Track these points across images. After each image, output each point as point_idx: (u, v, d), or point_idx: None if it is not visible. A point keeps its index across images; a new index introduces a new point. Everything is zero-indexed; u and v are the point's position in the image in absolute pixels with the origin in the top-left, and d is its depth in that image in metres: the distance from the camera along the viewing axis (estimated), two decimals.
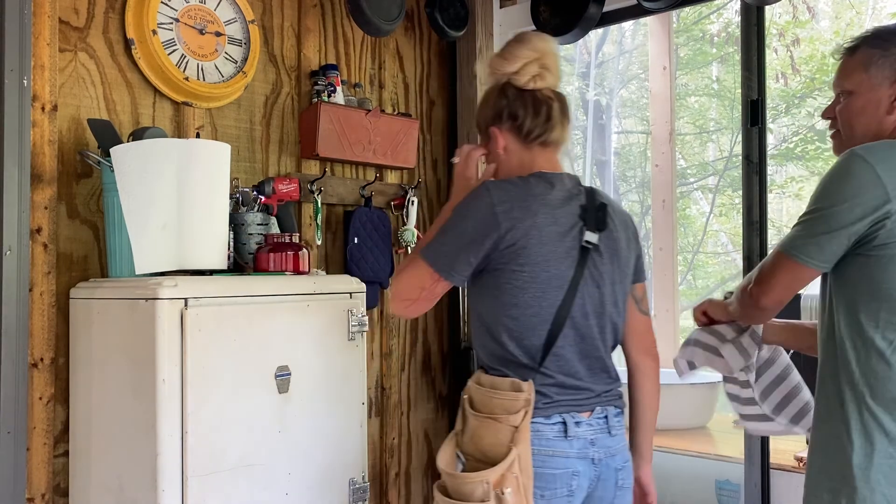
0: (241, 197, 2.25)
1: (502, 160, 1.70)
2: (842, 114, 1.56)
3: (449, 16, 2.98)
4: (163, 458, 1.76)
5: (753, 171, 2.43)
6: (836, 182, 1.42)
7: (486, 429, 1.56)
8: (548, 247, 1.57)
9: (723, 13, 7.73)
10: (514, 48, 1.68)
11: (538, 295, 1.57)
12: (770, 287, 1.52)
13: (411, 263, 1.63)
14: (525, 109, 1.66)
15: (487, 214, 1.56)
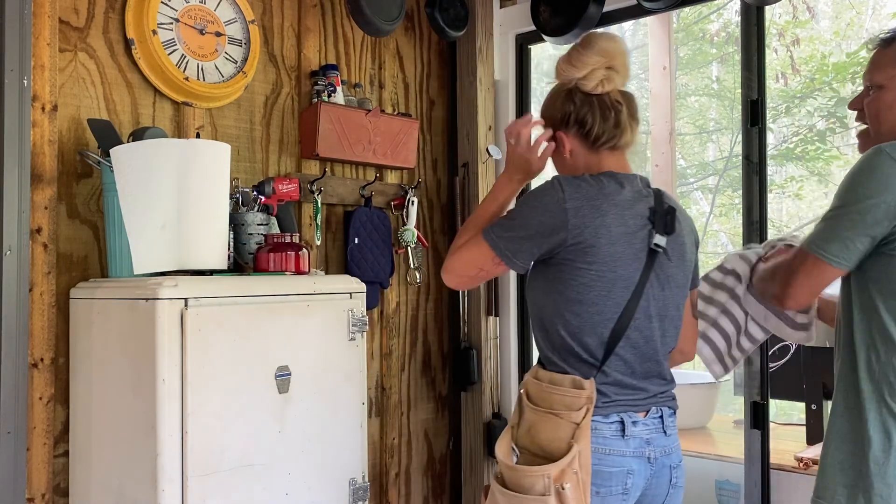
0: (241, 197, 2.25)
1: (567, 163, 1.70)
2: (870, 107, 1.53)
3: (449, 16, 2.97)
4: (163, 458, 1.76)
5: (753, 171, 2.43)
6: (862, 179, 1.40)
7: (546, 423, 1.57)
8: (616, 247, 1.57)
9: (723, 13, 7.73)
10: (582, 54, 1.66)
11: (603, 294, 1.57)
12: (795, 288, 1.49)
13: (472, 242, 1.64)
14: (593, 116, 1.65)
15: (557, 211, 1.55)
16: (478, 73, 3.03)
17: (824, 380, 2.57)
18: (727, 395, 3.51)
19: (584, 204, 1.56)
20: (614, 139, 1.65)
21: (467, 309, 3.04)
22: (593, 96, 1.65)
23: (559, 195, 1.56)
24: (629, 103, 1.68)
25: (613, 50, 1.65)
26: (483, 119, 3.05)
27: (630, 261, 1.58)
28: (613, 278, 1.57)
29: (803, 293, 1.50)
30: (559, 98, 1.69)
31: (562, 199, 1.56)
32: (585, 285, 1.57)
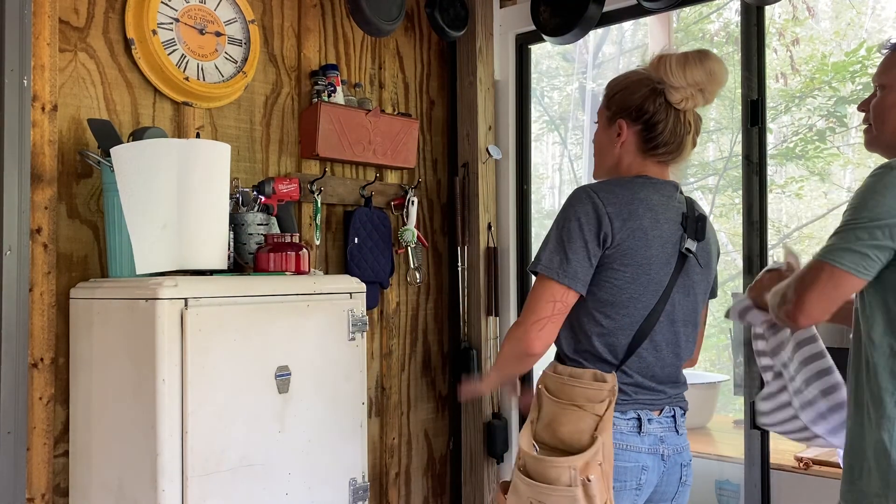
0: (241, 197, 2.25)
1: (614, 150, 1.69)
2: (875, 108, 1.54)
3: (449, 16, 2.97)
4: (163, 458, 1.76)
5: (753, 171, 2.43)
6: (877, 197, 1.37)
7: (568, 416, 1.57)
8: (651, 250, 1.58)
9: (722, 13, 7.73)
10: (693, 68, 1.62)
11: (635, 296, 1.59)
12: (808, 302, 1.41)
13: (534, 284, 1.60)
14: (665, 127, 1.64)
15: (595, 216, 1.56)
16: (478, 73, 3.03)
17: None
18: (727, 395, 3.51)
19: (620, 208, 1.57)
20: (668, 155, 1.66)
21: (467, 309, 3.04)
22: (673, 108, 1.64)
23: (594, 202, 1.57)
24: (697, 127, 1.68)
25: (720, 76, 1.64)
26: (483, 119, 3.05)
27: (662, 265, 1.60)
28: (646, 281, 1.59)
29: (818, 307, 1.41)
30: (642, 90, 1.65)
31: (597, 204, 1.56)
32: (619, 287, 1.58)
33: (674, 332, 1.64)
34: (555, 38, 2.89)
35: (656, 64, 1.65)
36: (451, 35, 2.99)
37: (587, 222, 1.56)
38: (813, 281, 1.40)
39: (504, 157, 3.10)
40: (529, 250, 3.11)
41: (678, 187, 1.69)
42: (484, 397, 3.01)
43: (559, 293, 1.57)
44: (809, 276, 1.41)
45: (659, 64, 1.64)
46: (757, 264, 2.41)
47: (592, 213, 1.56)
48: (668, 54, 1.64)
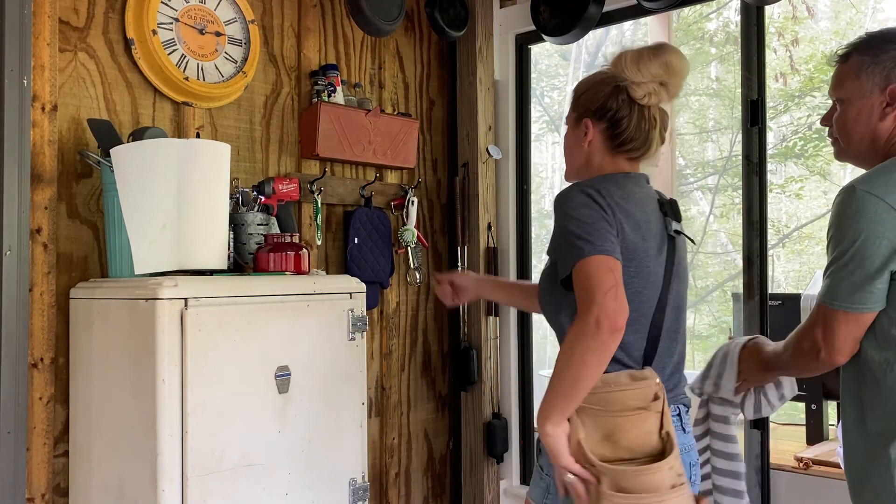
0: (241, 197, 2.25)
1: (582, 149, 1.69)
2: (837, 122, 1.56)
3: (449, 16, 2.97)
4: (163, 458, 1.76)
5: (753, 171, 2.43)
6: (851, 223, 1.39)
7: (631, 423, 1.50)
8: (648, 243, 1.57)
9: (722, 13, 7.73)
10: (650, 62, 1.62)
11: (639, 290, 1.56)
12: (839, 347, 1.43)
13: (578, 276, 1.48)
14: (629, 122, 1.64)
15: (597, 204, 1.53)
16: (478, 73, 3.03)
17: (824, 380, 2.57)
18: None
19: (617, 203, 1.55)
20: (637, 151, 1.66)
21: (467, 309, 3.04)
22: (636, 104, 1.64)
23: (592, 198, 1.54)
24: (663, 121, 1.68)
25: (679, 69, 1.64)
26: (483, 119, 3.05)
27: (656, 256, 1.59)
28: (647, 274, 1.57)
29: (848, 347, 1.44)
30: (605, 88, 1.65)
31: (596, 200, 1.53)
32: (624, 283, 1.51)
33: (675, 321, 1.63)
34: (555, 38, 2.89)
35: (616, 61, 1.65)
36: (451, 35, 2.99)
37: (597, 209, 1.52)
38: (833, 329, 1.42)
39: (504, 157, 3.10)
40: (529, 250, 3.11)
41: (647, 179, 1.71)
42: (484, 397, 3.01)
43: (611, 262, 1.47)
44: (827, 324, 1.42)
45: (618, 61, 1.64)
46: (757, 264, 2.41)
47: (595, 203, 1.53)
48: (626, 51, 1.64)
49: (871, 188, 1.38)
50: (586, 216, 1.52)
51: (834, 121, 1.57)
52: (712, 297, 8.39)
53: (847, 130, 1.54)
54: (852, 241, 1.38)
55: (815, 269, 7.11)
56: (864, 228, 1.37)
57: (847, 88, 1.53)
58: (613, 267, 1.48)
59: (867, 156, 1.53)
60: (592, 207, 1.52)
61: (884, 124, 1.49)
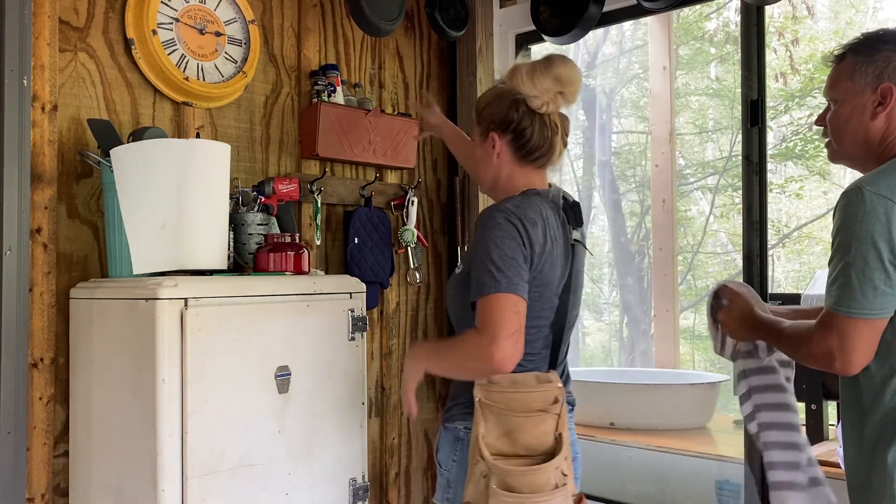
0: (241, 197, 2.25)
1: (492, 162, 1.76)
2: (831, 122, 1.56)
3: (449, 16, 2.98)
4: (163, 458, 1.76)
5: (753, 171, 2.42)
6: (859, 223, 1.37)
7: (532, 423, 1.60)
8: (556, 269, 1.67)
9: (722, 13, 7.73)
10: (542, 76, 1.70)
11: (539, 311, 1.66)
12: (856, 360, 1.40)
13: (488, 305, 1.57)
14: (532, 131, 1.71)
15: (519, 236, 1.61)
16: (478, 73, 3.03)
17: (824, 380, 2.57)
18: (727, 395, 3.51)
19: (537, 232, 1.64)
20: (542, 158, 1.74)
21: None
22: (537, 114, 1.72)
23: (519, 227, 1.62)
24: (564, 126, 1.76)
25: (570, 79, 1.72)
26: None
27: (560, 279, 1.69)
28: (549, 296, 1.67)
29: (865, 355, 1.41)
30: (505, 102, 1.73)
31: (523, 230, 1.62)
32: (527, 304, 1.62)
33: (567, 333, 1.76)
34: (555, 38, 2.89)
35: (510, 76, 1.73)
36: (451, 35, 2.99)
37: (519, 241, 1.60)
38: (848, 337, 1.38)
39: None
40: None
41: (559, 194, 1.77)
42: None
43: (520, 305, 1.58)
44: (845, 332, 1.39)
45: (513, 76, 1.72)
46: (757, 264, 2.41)
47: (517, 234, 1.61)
48: (519, 65, 1.72)
49: (879, 189, 1.37)
50: (508, 249, 1.59)
51: (828, 121, 1.57)
52: None
53: (840, 130, 1.54)
54: (864, 244, 1.36)
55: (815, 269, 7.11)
56: (876, 230, 1.35)
57: (841, 89, 1.53)
58: (520, 309, 1.58)
59: (861, 157, 1.53)
60: (515, 240, 1.60)
61: (875, 123, 1.49)
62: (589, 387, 3.12)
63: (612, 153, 8.73)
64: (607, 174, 8.57)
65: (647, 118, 6.91)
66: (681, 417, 3.14)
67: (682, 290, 7.90)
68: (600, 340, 8.70)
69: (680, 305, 5.32)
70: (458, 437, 1.74)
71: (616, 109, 8.84)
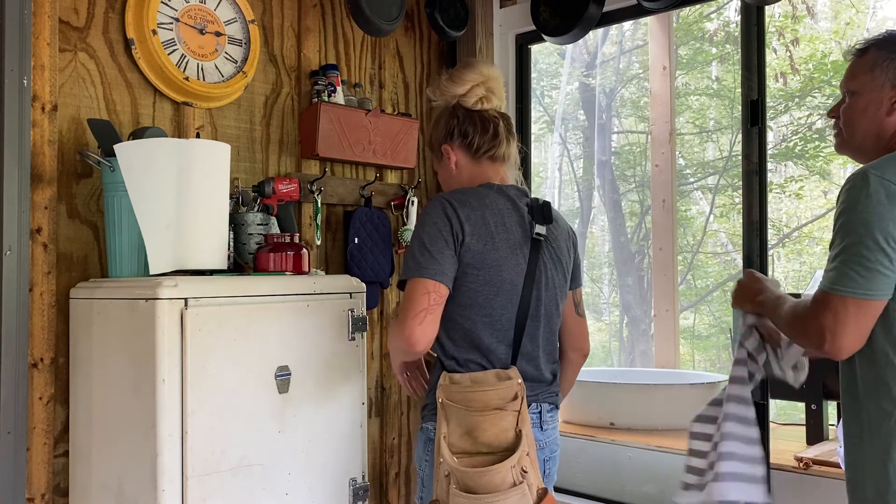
0: (241, 197, 2.25)
1: (453, 175, 1.85)
2: (845, 113, 1.57)
3: (449, 16, 2.98)
4: (163, 458, 1.76)
5: (753, 171, 2.43)
6: (861, 207, 1.37)
7: (489, 421, 1.64)
8: (500, 252, 1.71)
9: (722, 13, 7.73)
10: (462, 72, 1.84)
11: (490, 297, 1.71)
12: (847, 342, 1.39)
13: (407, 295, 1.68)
14: (474, 127, 1.82)
15: (446, 219, 1.70)
16: None
17: (824, 380, 2.57)
18: None
19: (469, 213, 1.70)
20: (493, 149, 1.82)
21: None
22: (474, 112, 1.83)
23: (444, 207, 1.71)
24: (506, 120, 1.86)
25: (490, 73, 1.84)
26: None
27: (513, 266, 1.73)
28: (499, 282, 1.71)
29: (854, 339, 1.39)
30: (444, 116, 1.86)
31: (446, 208, 1.70)
32: (475, 290, 1.70)
33: (535, 327, 1.76)
34: (555, 38, 2.89)
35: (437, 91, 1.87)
36: (451, 35, 2.99)
37: (444, 225, 1.68)
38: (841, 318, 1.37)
39: None
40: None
41: (526, 193, 1.84)
42: None
43: (431, 286, 1.66)
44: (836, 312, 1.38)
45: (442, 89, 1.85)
46: (757, 264, 2.41)
47: (444, 217, 1.69)
48: (440, 77, 1.88)
49: (884, 173, 1.38)
50: (430, 234, 1.68)
51: (841, 111, 1.58)
52: (712, 296, 8.40)
53: (853, 122, 1.55)
54: (865, 226, 1.36)
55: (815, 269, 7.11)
56: (879, 212, 1.36)
57: (859, 81, 1.54)
58: (432, 290, 1.65)
59: (869, 150, 1.54)
60: (439, 225, 1.69)
61: (891, 119, 1.51)
62: (589, 387, 3.12)
63: (612, 153, 8.73)
64: (607, 174, 8.58)
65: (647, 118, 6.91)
66: (681, 417, 3.13)
67: (682, 290, 7.90)
68: (600, 340, 8.70)
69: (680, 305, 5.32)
70: (429, 438, 1.77)
71: (616, 109, 8.84)
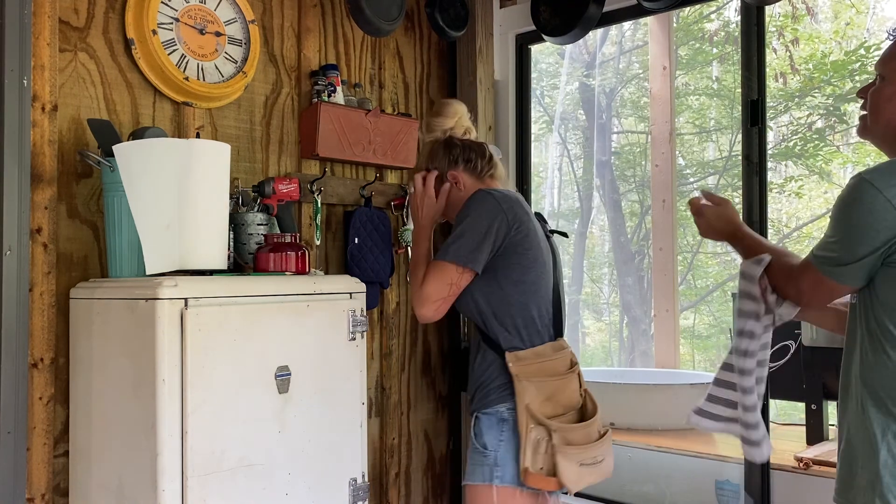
0: (241, 197, 2.25)
1: (462, 196, 2.06)
2: (872, 96, 1.55)
3: (449, 16, 2.98)
4: (163, 458, 1.76)
5: (753, 171, 2.43)
6: (851, 211, 1.41)
7: (566, 384, 1.95)
8: (538, 238, 2.01)
9: (722, 13, 7.73)
10: (446, 108, 2.16)
11: (540, 273, 1.99)
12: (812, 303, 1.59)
13: (432, 269, 1.94)
14: (474, 153, 2.11)
15: (498, 210, 1.93)
16: (478, 73, 3.04)
17: (824, 380, 2.57)
18: None
19: (511, 205, 1.96)
20: (492, 169, 2.13)
21: None
22: (466, 140, 2.13)
23: (495, 200, 1.95)
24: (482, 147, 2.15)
25: (463, 109, 2.19)
26: (483, 119, 3.05)
27: (545, 251, 2.04)
28: (543, 263, 2.01)
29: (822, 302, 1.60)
30: (441, 149, 2.12)
31: (497, 201, 1.95)
32: (526, 267, 1.96)
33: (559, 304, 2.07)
34: (555, 38, 2.89)
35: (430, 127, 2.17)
36: (451, 35, 2.99)
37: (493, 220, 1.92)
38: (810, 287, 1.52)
39: (504, 157, 3.10)
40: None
41: None
42: None
43: (457, 275, 1.93)
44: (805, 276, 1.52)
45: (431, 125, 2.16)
46: None
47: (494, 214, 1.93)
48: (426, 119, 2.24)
49: (876, 182, 1.39)
50: (476, 226, 1.93)
51: (869, 95, 1.56)
52: (712, 296, 8.40)
53: (878, 107, 1.53)
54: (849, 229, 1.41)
55: None
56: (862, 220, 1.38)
57: (891, 67, 1.52)
58: (456, 281, 1.93)
59: (892, 139, 1.52)
60: (488, 218, 1.92)
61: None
62: (589, 387, 3.12)
63: (612, 153, 8.73)
64: (607, 174, 8.58)
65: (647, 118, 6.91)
66: (681, 417, 3.13)
67: (682, 290, 7.90)
68: (600, 340, 8.71)
69: (680, 305, 5.32)
70: (502, 419, 1.92)
71: (616, 109, 8.85)
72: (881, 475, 1.40)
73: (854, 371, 1.48)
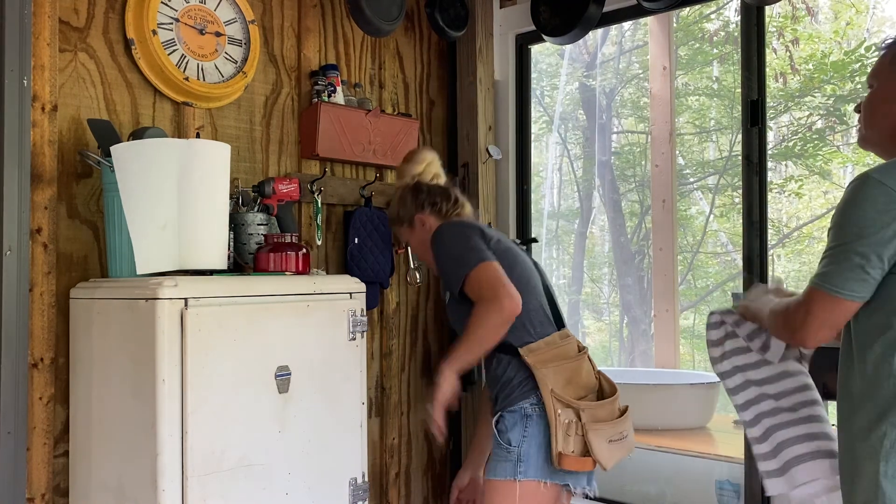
0: (241, 197, 2.25)
1: (427, 238, 2.18)
2: (864, 106, 1.57)
3: (449, 16, 2.97)
4: (163, 458, 1.76)
5: (753, 172, 2.43)
6: (858, 210, 1.39)
7: (580, 365, 2.03)
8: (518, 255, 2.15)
9: (722, 13, 7.73)
10: (415, 155, 2.32)
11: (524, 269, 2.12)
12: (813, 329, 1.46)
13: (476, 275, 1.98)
14: (440, 197, 2.23)
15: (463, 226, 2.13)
16: (478, 73, 3.03)
17: (824, 380, 2.56)
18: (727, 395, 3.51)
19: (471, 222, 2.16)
20: (458, 209, 2.25)
21: None
22: (433, 185, 2.26)
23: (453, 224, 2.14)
24: (455, 189, 2.29)
25: (433, 156, 2.33)
26: (483, 119, 3.05)
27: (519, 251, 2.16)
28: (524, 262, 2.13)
29: (822, 333, 1.46)
30: (408, 195, 2.25)
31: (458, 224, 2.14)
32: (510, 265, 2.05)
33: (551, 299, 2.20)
34: (555, 38, 2.89)
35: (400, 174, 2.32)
36: (451, 35, 2.99)
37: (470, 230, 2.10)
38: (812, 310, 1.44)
39: (504, 157, 3.10)
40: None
41: None
42: (484, 397, 3.01)
43: (496, 265, 1.98)
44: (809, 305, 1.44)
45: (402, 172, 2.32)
46: (757, 264, 2.41)
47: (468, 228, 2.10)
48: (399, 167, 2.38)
49: (884, 178, 1.38)
50: (461, 236, 2.05)
51: (862, 105, 1.58)
52: (712, 296, 8.40)
53: (870, 114, 1.55)
54: (856, 227, 1.38)
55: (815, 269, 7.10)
56: (869, 217, 1.37)
57: (881, 76, 1.54)
58: (498, 267, 1.98)
59: (887, 144, 1.52)
60: (465, 232, 2.06)
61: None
62: None
63: (612, 153, 8.73)
64: (607, 174, 8.57)
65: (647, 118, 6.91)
66: (681, 417, 3.14)
67: (682, 290, 7.90)
68: (600, 340, 8.71)
69: (680, 305, 5.32)
70: (526, 415, 1.97)
71: (616, 109, 8.84)
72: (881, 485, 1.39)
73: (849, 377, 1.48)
